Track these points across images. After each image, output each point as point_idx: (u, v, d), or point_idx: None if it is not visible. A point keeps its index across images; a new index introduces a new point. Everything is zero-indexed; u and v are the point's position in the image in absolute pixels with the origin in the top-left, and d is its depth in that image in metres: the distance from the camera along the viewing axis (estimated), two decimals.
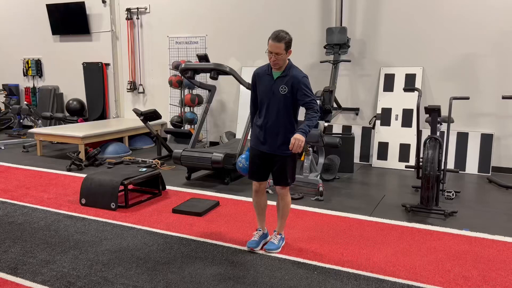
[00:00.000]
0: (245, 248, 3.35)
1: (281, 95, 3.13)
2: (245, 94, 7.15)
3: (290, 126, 3.19)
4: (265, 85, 3.18)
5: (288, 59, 3.16)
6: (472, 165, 5.82)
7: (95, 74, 8.62)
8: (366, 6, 6.35)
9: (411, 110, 6.11)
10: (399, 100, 6.20)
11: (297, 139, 3.02)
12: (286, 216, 3.39)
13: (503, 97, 4.96)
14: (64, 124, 7.96)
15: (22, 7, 9.35)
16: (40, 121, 8.04)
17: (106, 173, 4.56)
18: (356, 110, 6.55)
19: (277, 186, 3.30)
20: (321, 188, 4.66)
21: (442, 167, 4.63)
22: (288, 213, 3.39)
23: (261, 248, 3.36)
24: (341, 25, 6.38)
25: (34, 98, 9.51)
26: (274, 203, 4.46)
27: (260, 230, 3.43)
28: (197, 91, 7.69)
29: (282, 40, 3.01)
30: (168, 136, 7.50)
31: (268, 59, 3.26)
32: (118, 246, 3.42)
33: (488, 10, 5.68)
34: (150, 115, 6.53)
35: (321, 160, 5.40)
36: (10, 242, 3.51)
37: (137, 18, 8.12)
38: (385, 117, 6.25)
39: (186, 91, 7.66)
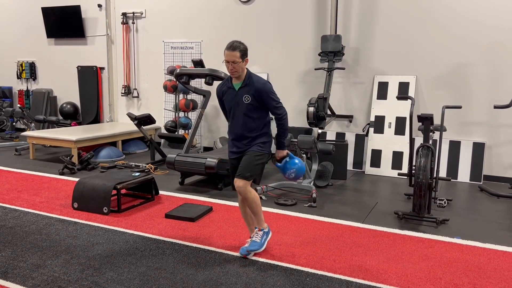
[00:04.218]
0: (238, 254, 3.34)
1: (245, 104, 3.22)
2: None
3: (259, 130, 3.28)
4: (229, 97, 3.29)
5: (247, 68, 3.25)
6: (464, 174, 5.87)
7: (89, 77, 8.60)
8: (360, 14, 6.41)
9: (404, 118, 6.15)
10: (392, 108, 6.25)
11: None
12: (258, 211, 3.29)
13: (495, 107, 5.02)
14: (57, 127, 7.92)
15: (17, 10, 9.33)
16: (33, 124, 8.00)
17: (99, 177, 4.54)
18: (349, 117, 6.59)
19: (236, 179, 3.20)
20: (314, 195, 4.67)
21: (434, 175, 4.66)
22: (258, 208, 3.28)
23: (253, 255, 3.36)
24: (335, 33, 6.43)
25: (28, 101, 9.46)
26: (268, 208, 4.47)
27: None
28: (192, 96, 7.69)
29: (236, 48, 3.11)
30: (162, 141, 7.49)
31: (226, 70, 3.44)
32: (110, 250, 3.40)
33: (480, 21, 5.75)
34: (144, 120, 6.51)
35: (315, 166, 5.42)
36: (1, 245, 3.48)
37: (133, 23, 8.13)
38: (378, 124, 6.29)
39: (181, 96, 7.66)
